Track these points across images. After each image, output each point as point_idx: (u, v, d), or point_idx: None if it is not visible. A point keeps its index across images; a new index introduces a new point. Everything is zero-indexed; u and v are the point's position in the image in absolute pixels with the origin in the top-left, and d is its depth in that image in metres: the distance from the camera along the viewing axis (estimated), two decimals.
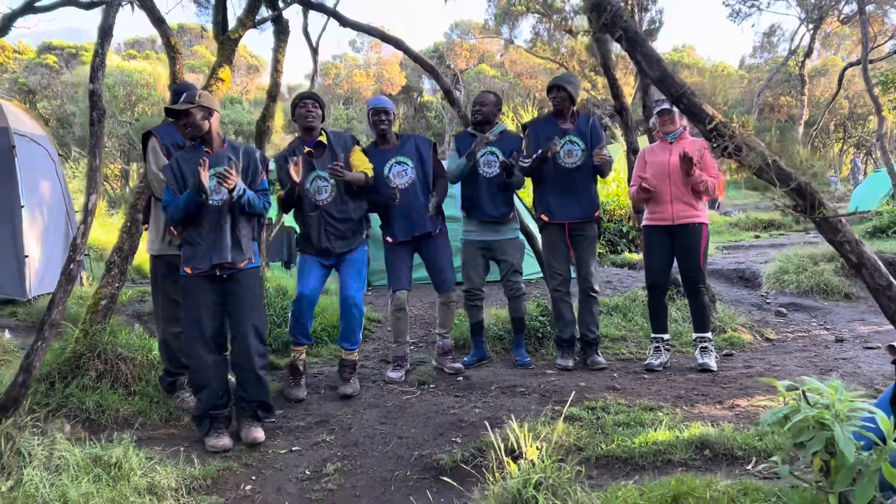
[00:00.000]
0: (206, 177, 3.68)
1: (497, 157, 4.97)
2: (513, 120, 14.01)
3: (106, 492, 2.98)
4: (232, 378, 4.05)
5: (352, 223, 4.60)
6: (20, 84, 26.50)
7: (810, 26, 17.42)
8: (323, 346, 5.70)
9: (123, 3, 5.45)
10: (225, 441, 3.75)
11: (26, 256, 6.78)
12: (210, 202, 3.78)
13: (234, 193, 3.74)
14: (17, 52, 29.83)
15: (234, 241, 3.83)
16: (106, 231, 10.20)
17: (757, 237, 13.39)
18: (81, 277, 7.70)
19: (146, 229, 4.40)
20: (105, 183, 20.44)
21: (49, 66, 29.02)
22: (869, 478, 1.97)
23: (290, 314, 4.75)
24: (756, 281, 8.14)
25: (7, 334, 5.66)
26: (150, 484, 3.16)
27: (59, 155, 7.95)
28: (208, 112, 3.79)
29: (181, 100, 3.84)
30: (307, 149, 4.54)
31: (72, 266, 3.21)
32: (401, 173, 4.81)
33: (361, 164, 4.61)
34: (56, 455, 3.19)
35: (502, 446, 2.86)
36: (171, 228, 4.06)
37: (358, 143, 4.79)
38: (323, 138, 4.60)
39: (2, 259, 6.70)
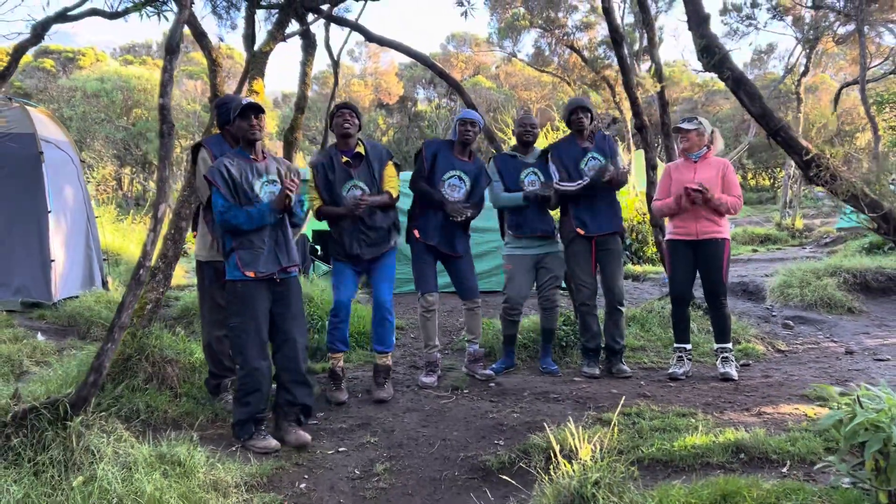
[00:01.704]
0: (290, 201, 3.82)
1: (539, 177, 5.21)
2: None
3: (176, 487, 3.11)
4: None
5: (382, 231, 4.76)
6: (16, 87, 26.45)
7: (807, 46, 17.83)
8: (353, 351, 5.84)
9: (162, 11, 5.63)
10: (273, 442, 3.83)
11: (52, 261, 6.90)
12: None
13: (294, 198, 3.86)
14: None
15: (291, 246, 4.00)
16: (121, 236, 10.28)
17: (755, 251, 13.68)
18: (107, 282, 7.81)
19: (194, 236, 4.52)
20: (107, 191, 20.46)
21: (46, 70, 29.03)
22: None
23: (328, 322, 4.88)
24: (760, 294, 8.35)
25: (41, 337, 5.78)
26: (213, 481, 3.28)
27: (80, 161, 8.05)
28: None
29: (243, 104, 3.91)
30: (345, 158, 4.69)
31: (141, 271, 3.34)
32: (454, 187, 5.00)
33: (390, 180, 4.80)
34: (122, 452, 3.32)
35: (556, 447, 3.02)
36: (211, 233, 4.16)
37: (392, 157, 4.94)
38: (360, 148, 4.75)
39: (29, 263, 6.81)
